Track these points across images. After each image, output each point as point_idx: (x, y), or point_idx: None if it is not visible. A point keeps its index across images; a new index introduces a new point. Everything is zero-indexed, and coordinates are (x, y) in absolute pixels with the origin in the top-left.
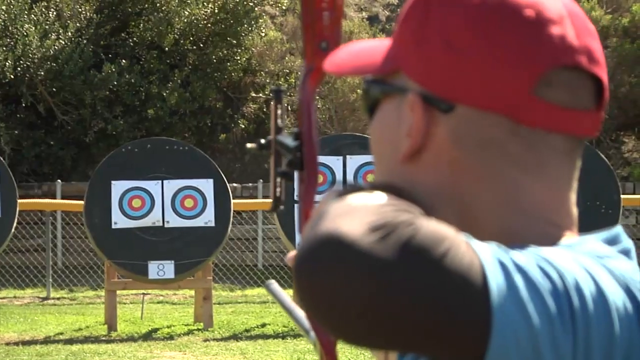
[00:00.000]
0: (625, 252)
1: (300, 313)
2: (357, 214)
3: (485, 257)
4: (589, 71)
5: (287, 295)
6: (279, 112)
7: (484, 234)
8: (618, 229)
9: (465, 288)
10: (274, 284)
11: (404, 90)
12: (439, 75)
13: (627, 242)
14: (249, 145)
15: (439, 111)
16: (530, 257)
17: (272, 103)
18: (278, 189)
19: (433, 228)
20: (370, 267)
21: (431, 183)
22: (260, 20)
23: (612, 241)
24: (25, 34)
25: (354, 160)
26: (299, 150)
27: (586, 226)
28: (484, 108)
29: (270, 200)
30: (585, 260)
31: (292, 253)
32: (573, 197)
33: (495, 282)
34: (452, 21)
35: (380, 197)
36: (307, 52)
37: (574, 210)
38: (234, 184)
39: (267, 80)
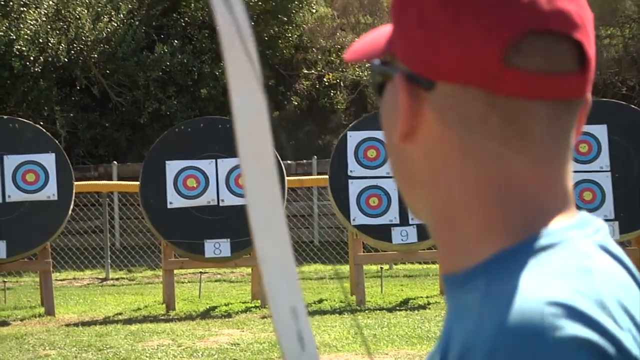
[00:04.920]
0: (597, 231)
1: None
2: None
3: None
4: (564, 34)
5: None
6: None
7: (469, 212)
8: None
9: None
10: None
11: (394, 71)
12: (418, 53)
13: (594, 221)
14: None
15: (423, 90)
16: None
17: None
18: None
19: None
20: None
21: (424, 160)
22: None
23: (584, 224)
24: (77, 17)
25: None
26: None
27: None
28: (459, 83)
29: (325, 177)
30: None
31: None
32: (565, 168)
33: None
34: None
35: None
36: None
37: (568, 184)
38: (288, 161)
39: (319, 57)
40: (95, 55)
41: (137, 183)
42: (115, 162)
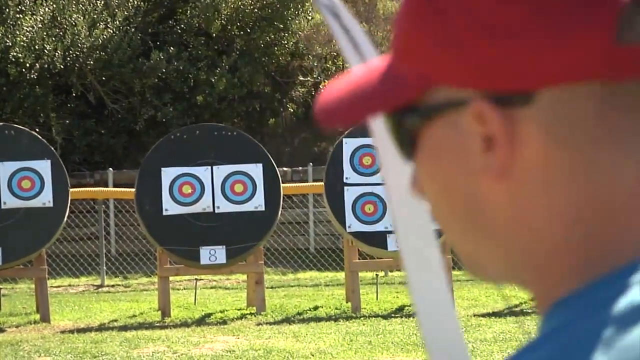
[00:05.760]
0: None
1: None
2: None
3: None
4: None
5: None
6: None
7: (568, 248)
8: None
9: None
10: None
11: (460, 103)
12: (499, 68)
13: None
14: None
15: (517, 107)
16: None
17: None
18: None
19: None
20: None
21: (513, 200)
22: (307, 4)
23: None
24: (73, 23)
25: None
26: None
27: None
28: (565, 81)
29: (320, 184)
30: None
31: None
32: None
33: None
34: (482, 3)
35: None
36: None
37: None
38: (284, 168)
39: (315, 64)
40: (91, 62)
41: (133, 190)
42: (111, 168)
